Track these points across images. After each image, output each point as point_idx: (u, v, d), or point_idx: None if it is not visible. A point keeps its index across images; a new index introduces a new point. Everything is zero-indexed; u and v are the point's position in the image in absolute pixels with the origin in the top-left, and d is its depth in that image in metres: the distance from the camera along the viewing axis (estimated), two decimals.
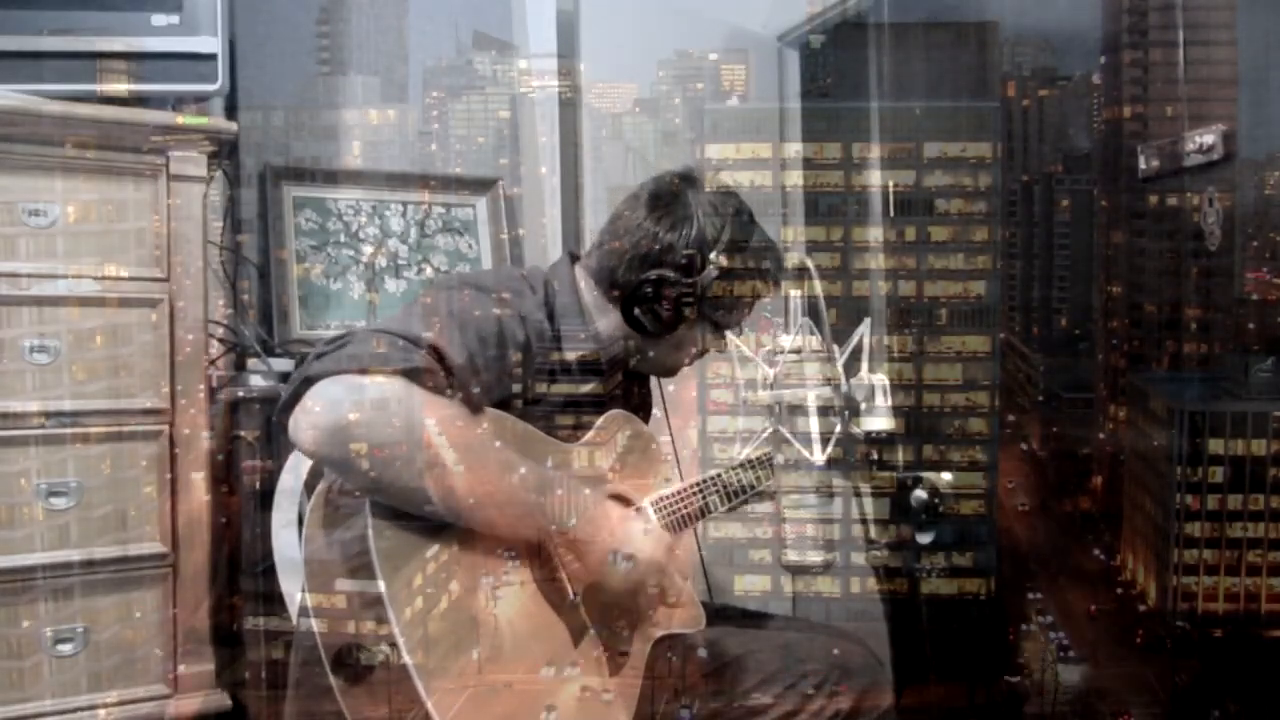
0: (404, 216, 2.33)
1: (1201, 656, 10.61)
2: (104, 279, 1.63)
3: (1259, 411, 10.81)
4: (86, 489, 1.61)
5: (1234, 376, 11.13)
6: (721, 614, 1.61)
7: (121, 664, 1.65)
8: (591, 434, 1.44)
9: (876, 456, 1.56)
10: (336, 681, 1.23)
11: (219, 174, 1.93)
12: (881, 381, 1.54)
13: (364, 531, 1.22)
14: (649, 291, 1.47)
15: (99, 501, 1.62)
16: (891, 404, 1.54)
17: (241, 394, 1.89)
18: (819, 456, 1.53)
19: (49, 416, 1.59)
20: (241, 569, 1.74)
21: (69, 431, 1.60)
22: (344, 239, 2.26)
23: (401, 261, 2.31)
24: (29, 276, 1.59)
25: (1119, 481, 12.78)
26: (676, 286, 1.47)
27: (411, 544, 1.25)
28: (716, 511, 1.54)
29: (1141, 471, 12.02)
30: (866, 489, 1.58)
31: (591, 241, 1.57)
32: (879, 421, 1.53)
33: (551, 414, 1.41)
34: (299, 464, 1.48)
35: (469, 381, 1.30)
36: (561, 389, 1.43)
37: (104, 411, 1.63)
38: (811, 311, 1.59)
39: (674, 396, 1.72)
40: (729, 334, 1.56)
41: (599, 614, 1.38)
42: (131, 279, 1.65)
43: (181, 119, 1.69)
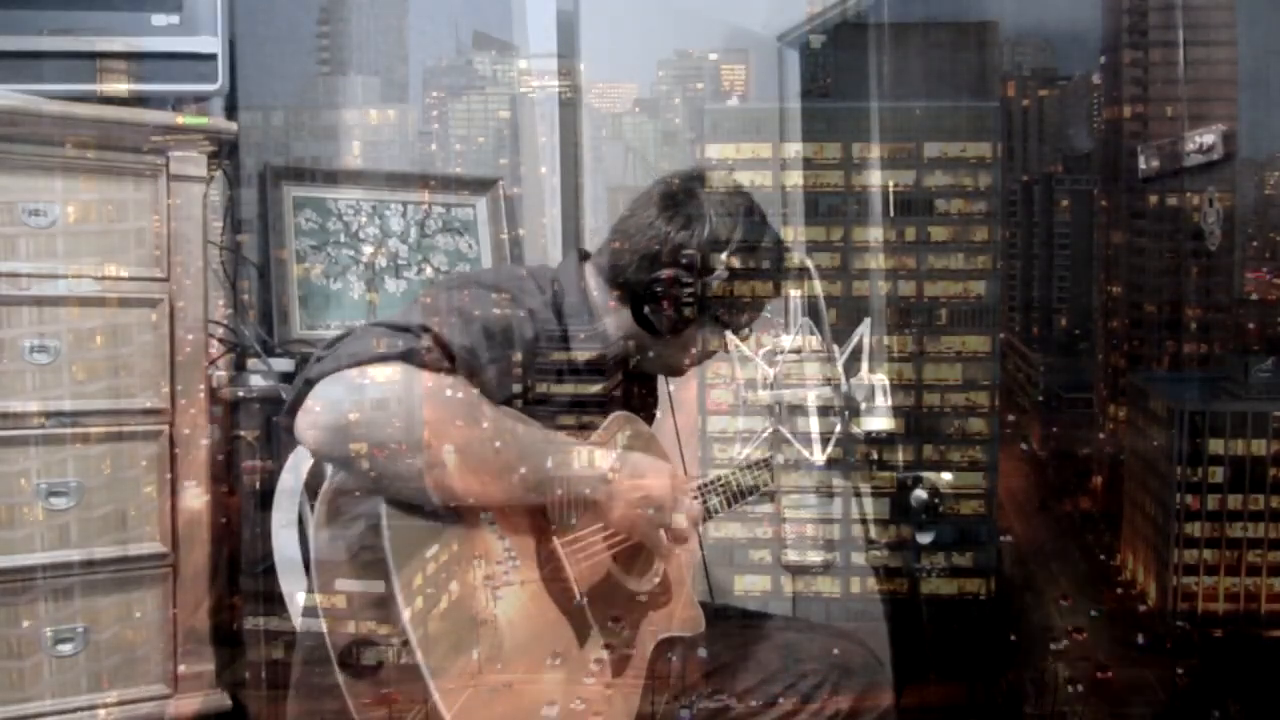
0: (404, 216, 2.33)
1: (1201, 656, 10.60)
2: (104, 279, 1.63)
3: (1259, 411, 10.80)
4: (86, 489, 1.61)
5: (1234, 376, 11.13)
6: (721, 614, 1.61)
7: (121, 664, 1.65)
8: (596, 434, 1.44)
9: (876, 456, 1.56)
10: (344, 679, 1.23)
11: (219, 174, 1.93)
12: (881, 381, 1.54)
13: (374, 528, 1.22)
14: (659, 291, 1.47)
15: (99, 501, 1.62)
16: (891, 404, 1.54)
17: (241, 394, 1.89)
18: (819, 456, 1.53)
19: (49, 416, 1.59)
20: (241, 569, 1.74)
21: (69, 431, 1.60)
22: (344, 239, 2.26)
23: (401, 261, 2.30)
24: (29, 276, 1.59)
25: (1119, 481, 12.77)
26: (687, 286, 1.47)
27: (422, 541, 1.25)
28: (719, 514, 1.54)
29: (1141, 471, 12.02)
30: (866, 489, 1.58)
31: (601, 240, 1.57)
32: (879, 421, 1.53)
33: (558, 413, 1.41)
34: (299, 464, 1.48)
35: (471, 374, 1.30)
36: (568, 388, 1.43)
37: (104, 411, 1.63)
38: (811, 311, 1.59)
39: (675, 397, 1.72)
40: (731, 334, 1.56)
41: (603, 615, 1.38)
42: (131, 279, 1.65)
43: (181, 119, 1.69)
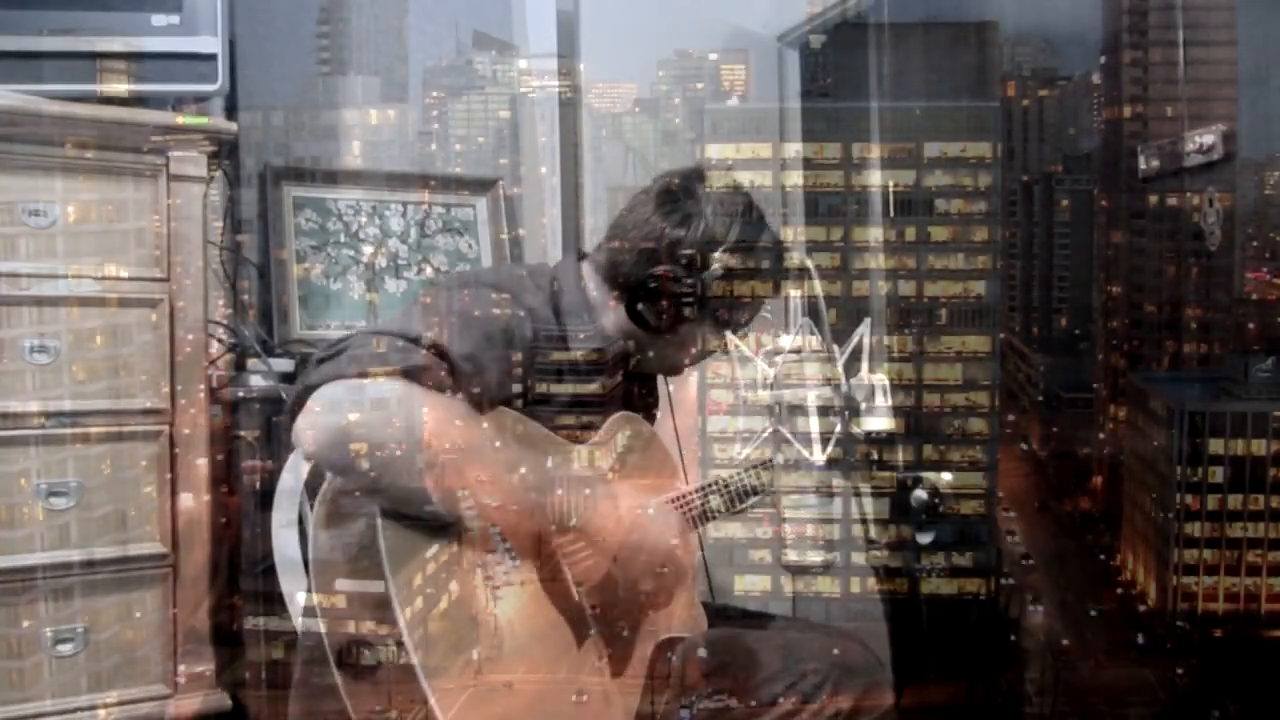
0: (404, 216, 2.33)
1: (1201, 656, 10.60)
2: (104, 279, 1.63)
3: (1259, 411, 10.80)
4: (86, 489, 1.61)
5: (1234, 376, 11.13)
6: (721, 614, 1.61)
7: (121, 664, 1.65)
8: (597, 435, 1.44)
9: (876, 456, 1.55)
10: (341, 680, 1.23)
11: (219, 174, 1.93)
12: (881, 381, 1.54)
13: (372, 529, 1.22)
14: (655, 288, 1.47)
15: (99, 501, 1.62)
16: (891, 404, 1.54)
17: (241, 394, 1.88)
18: (819, 456, 1.53)
19: (49, 416, 1.59)
20: (241, 569, 1.74)
21: (69, 431, 1.60)
22: (344, 239, 2.26)
23: (401, 261, 2.30)
24: (29, 276, 1.58)
25: (1119, 481, 12.77)
26: (683, 284, 1.46)
27: (419, 543, 1.25)
28: (719, 516, 1.54)
29: (1141, 471, 12.02)
30: (866, 489, 1.58)
31: (600, 239, 1.57)
32: (879, 421, 1.53)
33: (557, 413, 1.41)
34: (299, 464, 1.48)
35: (472, 379, 1.30)
36: (567, 387, 1.43)
37: (104, 411, 1.63)
38: (811, 311, 1.59)
39: (675, 396, 1.72)
40: (730, 334, 1.56)
41: (602, 615, 1.38)
42: (131, 279, 1.65)
43: (181, 119, 1.69)
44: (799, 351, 1.59)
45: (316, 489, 1.32)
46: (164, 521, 1.66)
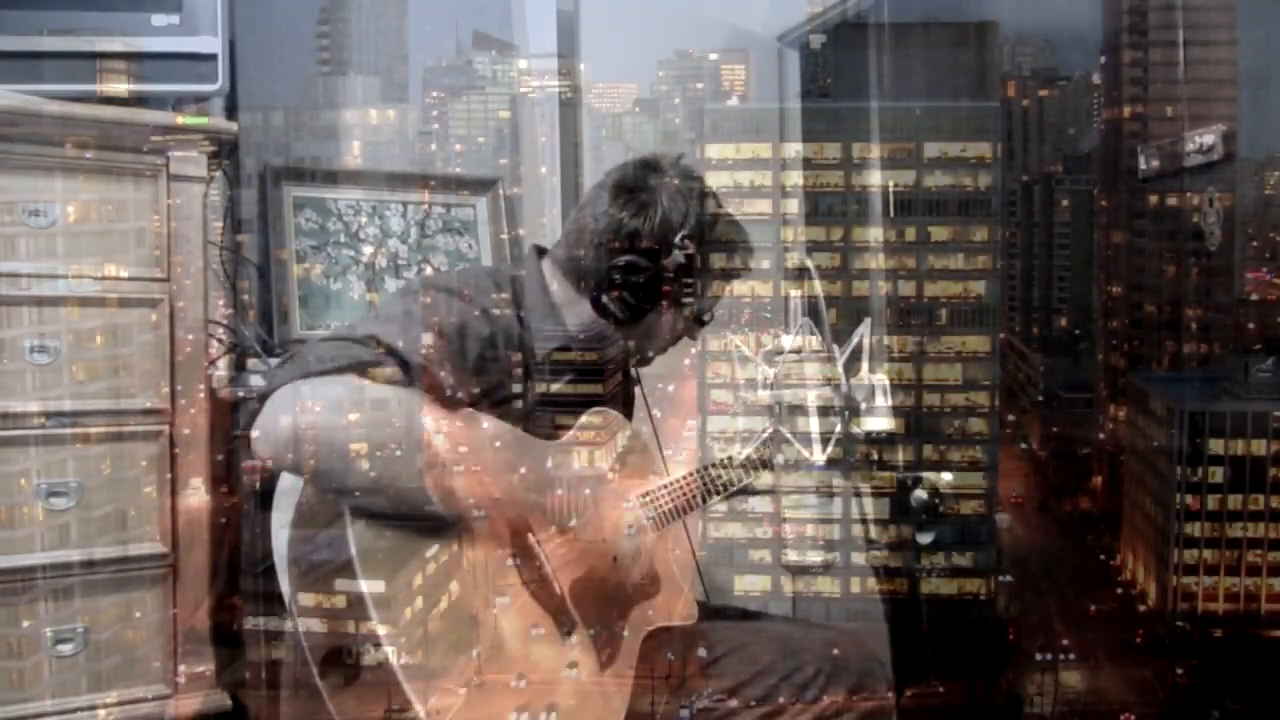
0: (404, 216, 2.33)
1: (1201, 656, 10.60)
2: (104, 279, 1.63)
3: (1259, 411, 10.81)
4: (86, 489, 1.61)
5: (1234, 376, 11.13)
6: (720, 615, 1.61)
7: (121, 664, 1.65)
8: (573, 432, 1.44)
9: (876, 456, 1.56)
10: (323, 683, 1.24)
11: (219, 174, 1.93)
12: (881, 381, 1.54)
13: (344, 532, 1.23)
14: (616, 279, 1.47)
15: (99, 501, 1.62)
16: (891, 404, 1.54)
17: (241, 394, 1.88)
18: (819, 456, 1.53)
19: (49, 416, 1.59)
20: (241, 569, 1.74)
21: (69, 431, 1.60)
22: (344, 239, 2.26)
23: (401, 261, 2.30)
24: (29, 276, 1.58)
25: (1119, 481, 12.77)
26: (643, 272, 1.46)
27: (393, 544, 1.26)
28: (700, 507, 1.54)
29: (1141, 471, 12.01)
30: (866, 489, 1.58)
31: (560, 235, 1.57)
32: (879, 421, 1.53)
33: (529, 411, 1.41)
34: None
35: (425, 375, 1.31)
36: (536, 385, 1.43)
37: (104, 411, 1.63)
38: (811, 311, 1.59)
39: (674, 396, 1.72)
40: (729, 334, 1.56)
41: (588, 608, 1.38)
42: (131, 279, 1.65)
43: (181, 119, 1.69)
44: (799, 351, 1.59)
45: None
46: (164, 521, 1.66)
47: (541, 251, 1.57)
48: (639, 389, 1.66)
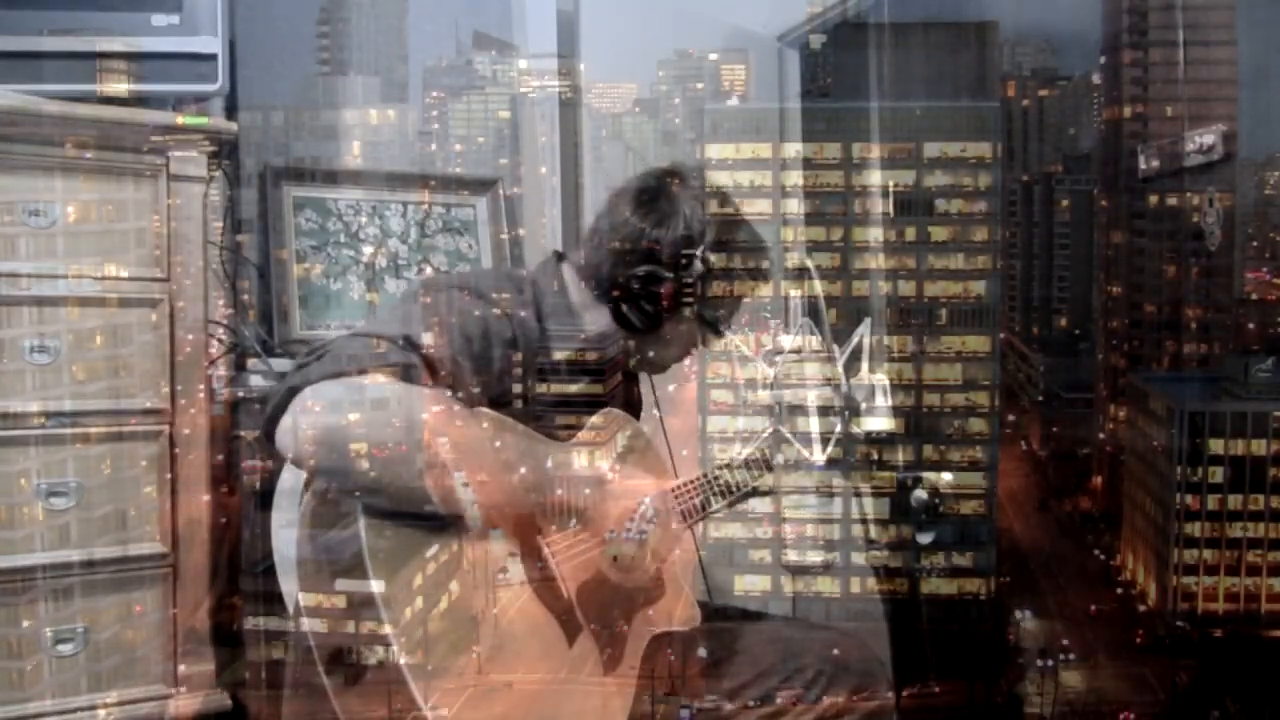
0: (404, 216, 2.33)
1: (1201, 656, 10.60)
2: (104, 279, 1.63)
3: (1259, 411, 10.80)
4: (86, 489, 1.61)
5: (1234, 376, 11.13)
6: (720, 615, 1.61)
7: (121, 664, 1.65)
8: (584, 433, 1.44)
9: (876, 456, 1.56)
10: (329, 681, 1.24)
11: (219, 174, 1.93)
12: (881, 381, 1.54)
13: (357, 532, 1.22)
14: (636, 288, 1.47)
15: (99, 501, 1.62)
16: (891, 404, 1.54)
17: (241, 394, 1.88)
18: (819, 456, 1.53)
19: (49, 416, 1.59)
20: (241, 569, 1.74)
21: (69, 431, 1.60)
22: (344, 239, 2.26)
23: (401, 261, 2.30)
24: (29, 276, 1.58)
25: (1119, 481, 12.76)
26: (664, 283, 1.47)
27: (406, 544, 1.26)
28: (711, 510, 1.54)
29: (1141, 471, 12.01)
30: (866, 489, 1.58)
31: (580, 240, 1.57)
32: (879, 421, 1.53)
33: (542, 414, 1.42)
34: None
35: (451, 377, 1.31)
36: (551, 388, 1.44)
37: (104, 411, 1.63)
38: (811, 311, 1.59)
39: (674, 396, 1.72)
40: (729, 334, 1.56)
41: (594, 612, 1.38)
42: (131, 279, 1.65)
43: (181, 119, 1.69)
44: (799, 351, 1.59)
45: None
46: (164, 521, 1.66)
47: (561, 256, 1.58)
48: (652, 391, 1.67)
